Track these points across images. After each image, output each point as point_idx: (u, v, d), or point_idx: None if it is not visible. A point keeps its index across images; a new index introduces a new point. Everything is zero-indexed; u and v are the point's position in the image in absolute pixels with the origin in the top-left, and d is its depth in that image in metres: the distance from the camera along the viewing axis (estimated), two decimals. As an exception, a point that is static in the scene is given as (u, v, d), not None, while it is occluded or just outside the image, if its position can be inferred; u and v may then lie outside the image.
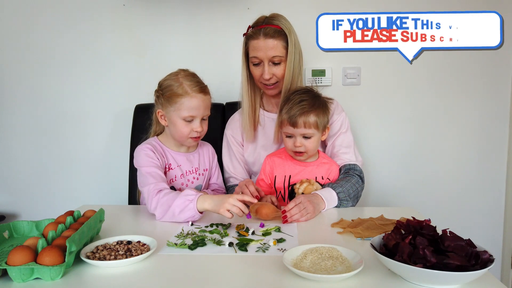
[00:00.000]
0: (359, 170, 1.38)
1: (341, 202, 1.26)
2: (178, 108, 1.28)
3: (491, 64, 1.87)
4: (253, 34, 1.36)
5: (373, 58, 1.88)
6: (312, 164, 1.35)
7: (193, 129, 1.30)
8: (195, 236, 1.03)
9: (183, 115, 1.28)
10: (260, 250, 0.92)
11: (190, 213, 1.12)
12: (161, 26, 1.90)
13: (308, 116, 1.26)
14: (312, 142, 1.29)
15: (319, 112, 1.28)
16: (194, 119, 1.29)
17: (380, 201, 1.95)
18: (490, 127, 1.92)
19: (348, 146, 1.42)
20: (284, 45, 1.36)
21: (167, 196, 1.16)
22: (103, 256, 0.86)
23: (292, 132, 1.29)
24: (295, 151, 1.30)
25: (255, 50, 1.36)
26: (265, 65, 1.36)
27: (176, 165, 1.37)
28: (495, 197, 1.95)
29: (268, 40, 1.34)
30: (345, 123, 1.44)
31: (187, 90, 1.27)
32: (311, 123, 1.26)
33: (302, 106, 1.27)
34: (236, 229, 1.07)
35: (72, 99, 1.96)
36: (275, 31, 1.34)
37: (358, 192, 1.32)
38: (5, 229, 1.02)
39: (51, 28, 1.91)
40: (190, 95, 1.27)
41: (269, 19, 1.38)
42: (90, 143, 1.99)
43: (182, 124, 1.29)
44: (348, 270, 0.77)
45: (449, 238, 0.73)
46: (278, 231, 1.06)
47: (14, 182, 2.02)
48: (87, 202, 1.40)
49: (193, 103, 1.28)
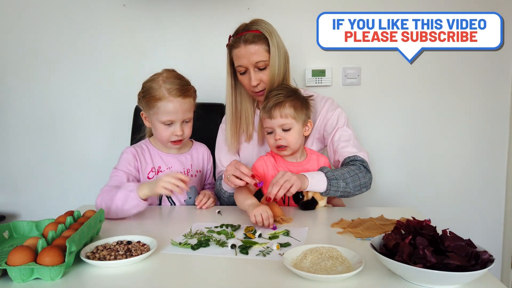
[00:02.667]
0: (361, 159, 1.33)
1: (330, 182, 1.20)
2: (156, 112, 1.27)
3: (491, 64, 1.87)
4: (234, 43, 1.35)
5: (373, 58, 1.88)
6: (304, 162, 1.34)
7: (173, 133, 1.29)
8: (202, 236, 1.03)
9: (161, 119, 1.27)
10: (261, 254, 0.90)
11: (133, 202, 1.16)
12: (161, 26, 1.90)
13: (283, 106, 1.25)
14: (292, 134, 1.27)
15: (296, 104, 1.27)
16: (174, 123, 1.28)
17: (380, 201, 1.95)
18: (490, 127, 1.92)
19: (347, 139, 1.38)
20: (267, 48, 1.33)
21: (109, 192, 1.19)
22: (103, 256, 0.86)
23: (271, 126, 1.27)
24: (277, 146, 1.28)
25: (238, 59, 1.34)
26: (251, 72, 1.34)
27: (166, 167, 1.36)
28: (495, 197, 1.96)
29: (248, 46, 1.31)
30: (341, 118, 1.41)
31: (164, 94, 1.25)
32: (288, 113, 1.25)
33: (277, 97, 1.27)
34: (244, 231, 1.05)
35: (72, 99, 1.96)
36: (254, 36, 1.32)
37: (359, 178, 1.26)
38: (5, 229, 1.02)
39: (51, 28, 1.91)
40: (167, 99, 1.25)
41: (249, 26, 1.36)
42: (90, 143, 1.99)
43: (162, 128, 1.29)
44: (348, 270, 0.77)
45: (449, 238, 0.73)
46: (287, 235, 1.03)
47: (14, 182, 2.02)
48: (87, 202, 1.40)
49: (170, 107, 1.26)
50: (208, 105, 1.78)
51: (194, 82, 1.37)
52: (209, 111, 1.74)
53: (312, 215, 1.21)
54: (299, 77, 1.90)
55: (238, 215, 1.23)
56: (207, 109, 1.75)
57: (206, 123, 1.42)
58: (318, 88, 1.91)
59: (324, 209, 1.27)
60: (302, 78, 1.90)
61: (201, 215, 1.26)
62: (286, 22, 1.84)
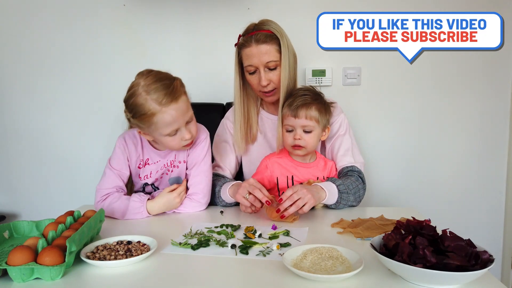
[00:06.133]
0: (358, 170, 1.36)
1: (341, 196, 1.22)
2: (156, 128, 1.14)
3: (491, 64, 1.87)
4: (245, 42, 1.33)
5: (373, 58, 1.88)
6: (312, 164, 1.35)
7: (182, 138, 1.19)
8: (202, 236, 1.03)
9: (164, 132, 1.15)
10: (261, 254, 0.90)
11: (139, 216, 1.22)
12: (161, 26, 1.90)
13: (310, 108, 1.26)
14: (312, 137, 1.28)
15: (321, 108, 1.28)
16: (179, 129, 1.18)
17: (380, 201, 1.95)
18: (491, 127, 1.92)
19: (347, 149, 1.39)
20: (277, 49, 1.33)
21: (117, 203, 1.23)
22: (103, 256, 0.86)
23: (293, 124, 1.27)
24: (294, 145, 1.28)
25: (249, 58, 1.33)
26: (261, 71, 1.33)
27: (152, 162, 1.31)
28: (495, 197, 1.96)
29: (260, 46, 1.30)
30: (343, 125, 1.42)
31: (155, 107, 1.10)
32: (312, 116, 1.26)
33: (304, 98, 1.27)
34: (244, 231, 1.05)
35: (72, 99, 1.96)
36: (266, 36, 1.31)
37: (359, 190, 1.29)
38: (5, 229, 1.02)
39: (51, 28, 1.91)
40: (161, 112, 1.11)
41: (259, 25, 1.35)
42: (90, 143, 1.99)
43: (168, 140, 1.18)
44: (348, 270, 0.77)
45: (449, 238, 0.73)
46: (287, 235, 1.03)
47: (14, 182, 2.03)
48: (87, 202, 1.40)
49: (168, 119, 1.12)
50: (208, 105, 1.78)
51: (194, 82, 1.34)
52: (209, 111, 1.74)
53: (312, 215, 1.21)
54: (300, 77, 1.89)
55: (239, 215, 1.23)
56: (207, 109, 1.75)
57: (206, 123, 1.41)
58: (318, 88, 1.91)
59: (324, 209, 1.27)
60: (302, 78, 1.90)
61: (201, 215, 1.26)
62: (286, 22, 1.82)
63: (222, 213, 1.26)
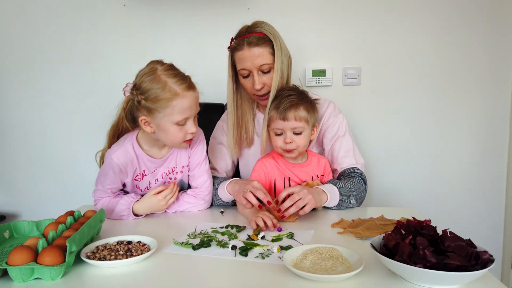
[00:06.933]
0: (360, 172, 1.34)
1: (343, 198, 1.22)
2: (169, 113, 1.10)
3: (491, 64, 1.87)
4: (237, 46, 1.30)
5: (373, 58, 1.88)
6: (306, 163, 1.33)
7: (187, 131, 1.16)
8: (205, 236, 1.03)
9: (176, 119, 1.12)
10: (260, 256, 0.89)
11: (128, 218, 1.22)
12: (161, 26, 1.90)
13: (298, 108, 1.23)
14: (302, 138, 1.25)
15: (308, 107, 1.25)
16: (187, 120, 1.15)
17: (381, 201, 1.96)
18: (490, 127, 1.92)
19: (347, 150, 1.37)
20: (271, 51, 1.29)
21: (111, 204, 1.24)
22: (103, 256, 0.86)
23: (282, 127, 1.24)
24: (285, 149, 1.26)
25: (242, 62, 1.30)
26: (254, 75, 1.30)
27: (149, 172, 1.27)
28: (495, 197, 1.96)
29: (253, 49, 1.27)
30: (342, 125, 1.40)
31: (176, 90, 1.09)
32: (302, 117, 1.23)
33: (291, 99, 1.23)
34: (253, 233, 1.04)
35: (72, 99, 1.96)
36: (258, 38, 1.27)
37: (360, 191, 1.28)
38: (5, 229, 1.02)
39: (51, 28, 1.91)
40: (181, 96, 1.10)
41: (252, 28, 1.31)
42: (90, 143, 1.98)
43: (175, 130, 1.13)
44: (348, 270, 0.77)
45: (449, 238, 0.73)
46: (291, 237, 1.01)
47: (14, 182, 2.03)
48: (87, 202, 1.40)
49: (186, 103, 1.11)
50: (208, 105, 1.77)
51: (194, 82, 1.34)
52: (209, 111, 1.73)
53: (312, 215, 1.21)
54: (300, 77, 1.90)
55: (239, 215, 1.24)
56: (207, 109, 1.75)
57: (206, 123, 1.41)
58: (318, 88, 1.91)
59: (325, 209, 1.27)
60: (302, 78, 1.90)
61: (204, 215, 1.26)
62: (286, 22, 1.84)
63: (223, 213, 1.26)
